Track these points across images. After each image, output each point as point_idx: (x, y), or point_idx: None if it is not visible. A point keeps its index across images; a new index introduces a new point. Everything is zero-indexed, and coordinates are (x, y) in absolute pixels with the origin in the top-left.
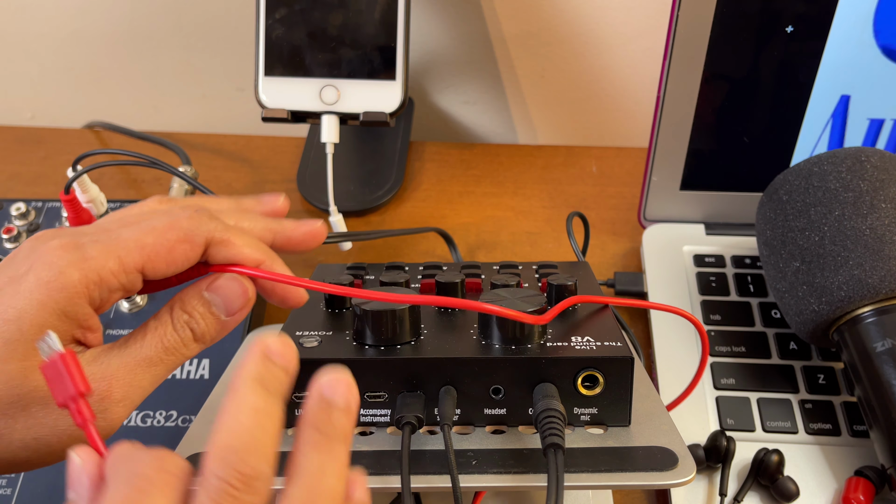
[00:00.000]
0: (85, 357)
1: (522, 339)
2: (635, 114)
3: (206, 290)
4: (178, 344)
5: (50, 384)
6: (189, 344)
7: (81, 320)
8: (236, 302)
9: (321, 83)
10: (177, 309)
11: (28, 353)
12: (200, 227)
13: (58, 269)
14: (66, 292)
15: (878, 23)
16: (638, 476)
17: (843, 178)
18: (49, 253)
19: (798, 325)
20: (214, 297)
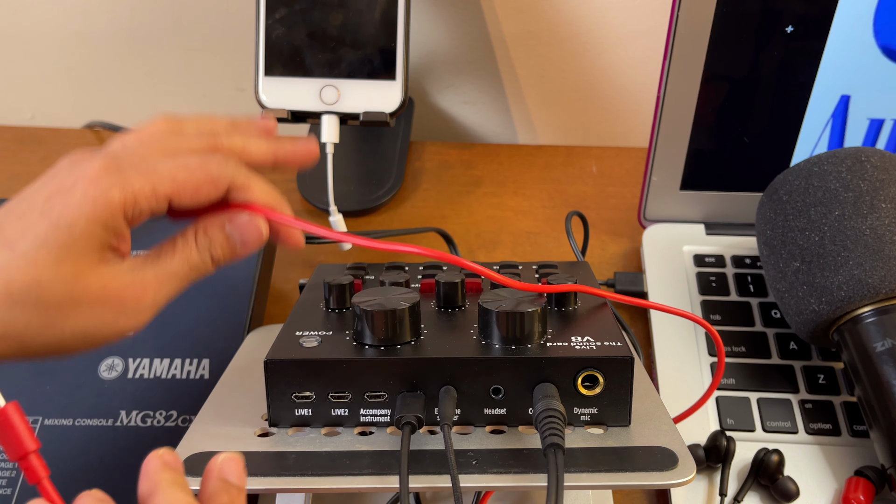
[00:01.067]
0: (123, 266)
1: (522, 338)
2: (635, 114)
3: (227, 224)
4: (199, 264)
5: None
6: (208, 265)
7: (118, 232)
8: (251, 238)
9: (321, 83)
10: (200, 234)
11: (79, 258)
12: (225, 173)
13: (102, 188)
14: (109, 209)
15: (878, 23)
16: (638, 476)
17: (843, 178)
18: (94, 172)
19: (798, 325)
20: (234, 232)
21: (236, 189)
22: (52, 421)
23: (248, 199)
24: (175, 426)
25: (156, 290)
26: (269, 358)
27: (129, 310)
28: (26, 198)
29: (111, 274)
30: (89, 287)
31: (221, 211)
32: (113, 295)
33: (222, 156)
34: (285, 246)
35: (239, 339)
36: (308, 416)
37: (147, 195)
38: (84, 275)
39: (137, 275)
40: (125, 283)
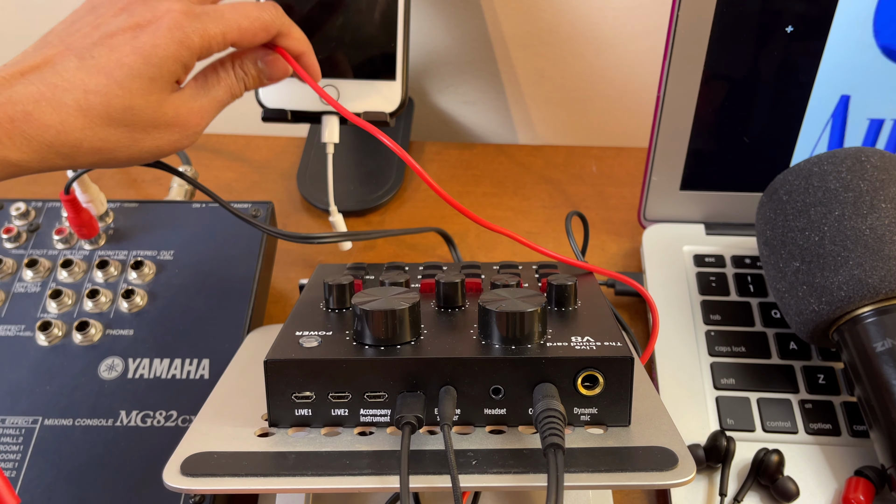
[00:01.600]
0: (186, 95)
1: (522, 338)
2: (635, 114)
3: (260, 60)
4: (238, 91)
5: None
6: (242, 92)
7: (189, 68)
8: (277, 73)
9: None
10: (237, 67)
11: (162, 88)
12: (277, 20)
13: (186, 32)
14: (190, 50)
15: (878, 23)
16: (638, 476)
17: (843, 178)
18: (178, 16)
19: (798, 325)
20: (265, 69)
21: (281, 36)
22: (52, 421)
23: (287, 45)
24: (175, 426)
25: (209, 113)
26: (269, 358)
27: (189, 131)
28: (102, 27)
29: (180, 101)
30: (167, 113)
31: (254, 49)
32: (182, 119)
33: (273, 4)
34: (300, 77)
35: (239, 339)
36: (308, 416)
37: (218, 41)
38: (164, 103)
39: (196, 102)
40: (189, 109)
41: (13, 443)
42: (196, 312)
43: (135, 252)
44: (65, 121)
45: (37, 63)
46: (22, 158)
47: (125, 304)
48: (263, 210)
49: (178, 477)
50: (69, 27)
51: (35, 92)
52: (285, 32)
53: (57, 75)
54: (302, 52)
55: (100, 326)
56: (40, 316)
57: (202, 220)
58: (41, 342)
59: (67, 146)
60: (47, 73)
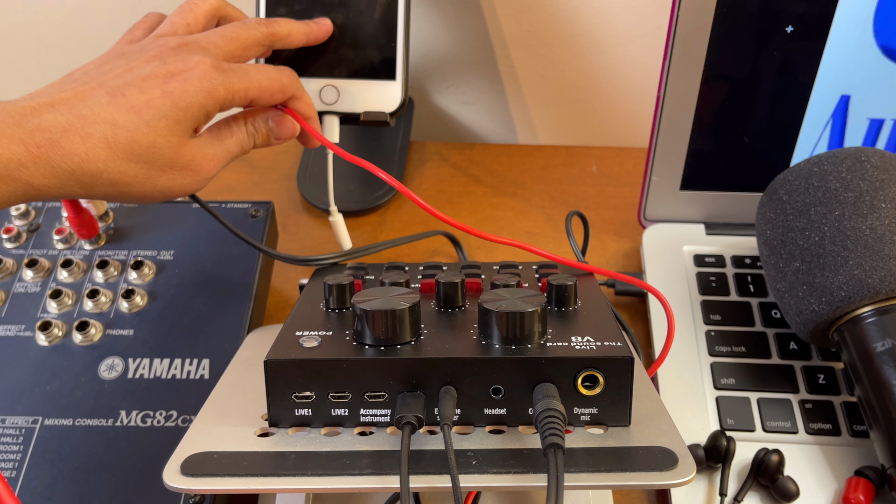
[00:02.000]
0: (200, 142)
1: (522, 338)
2: (635, 114)
3: (271, 120)
4: (247, 147)
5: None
6: (250, 148)
7: (210, 117)
8: (285, 134)
9: (321, 83)
10: (249, 123)
11: (184, 132)
12: (292, 84)
13: (214, 84)
14: (215, 101)
15: (878, 23)
16: (638, 476)
17: (843, 178)
18: (207, 68)
19: (798, 325)
20: (275, 128)
21: (293, 98)
22: (52, 421)
23: (298, 107)
24: (175, 426)
25: (219, 163)
26: (269, 358)
27: (200, 176)
28: (135, 70)
29: (196, 147)
30: (184, 156)
31: (266, 108)
32: (196, 163)
33: (290, 70)
34: (303, 144)
35: (239, 339)
36: (308, 416)
37: (241, 95)
38: (183, 146)
39: (208, 150)
40: (204, 155)
41: (13, 443)
42: (196, 312)
43: (135, 252)
44: (90, 151)
45: (67, 96)
46: (43, 183)
47: (125, 304)
48: (263, 210)
49: (178, 477)
50: (99, 67)
51: (64, 122)
52: (298, 96)
53: (87, 108)
54: (309, 117)
55: (100, 326)
56: (40, 316)
57: (202, 220)
58: (41, 342)
59: (88, 175)
60: (77, 106)
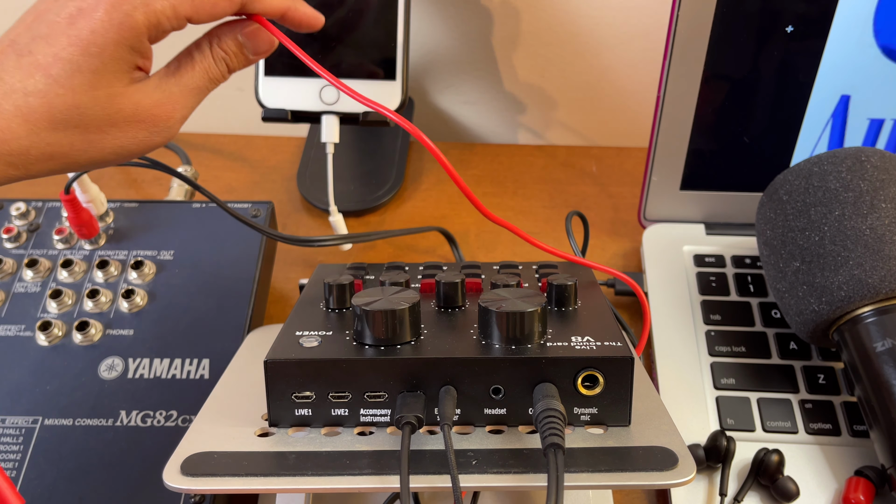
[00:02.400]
0: (150, 84)
1: (522, 338)
2: (635, 114)
3: (240, 34)
4: (218, 75)
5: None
6: (225, 74)
7: (143, 53)
8: (263, 47)
9: (321, 83)
10: (215, 46)
11: (111, 81)
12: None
13: (126, 11)
14: (134, 31)
15: (878, 23)
16: (638, 476)
17: (843, 178)
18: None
19: (798, 325)
20: (247, 42)
21: (248, 3)
22: (52, 421)
23: (263, 9)
24: (175, 426)
25: (183, 104)
26: (269, 358)
27: (160, 126)
28: (44, 16)
29: (141, 93)
30: (124, 108)
31: (233, 21)
32: (145, 113)
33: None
34: (301, 29)
35: (239, 339)
36: (308, 416)
37: (168, 16)
38: (118, 97)
39: (164, 91)
40: (155, 100)
41: (13, 443)
42: (196, 312)
43: (135, 252)
44: (7, 129)
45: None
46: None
47: (125, 304)
48: (263, 210)
49: (178, 477)
50: (20, 19)
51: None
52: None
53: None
54: (285, 9)
55: (100, 326)
56: (40, 316)
57: (202, 220)
58: (41, 342)
59: (14, 155)
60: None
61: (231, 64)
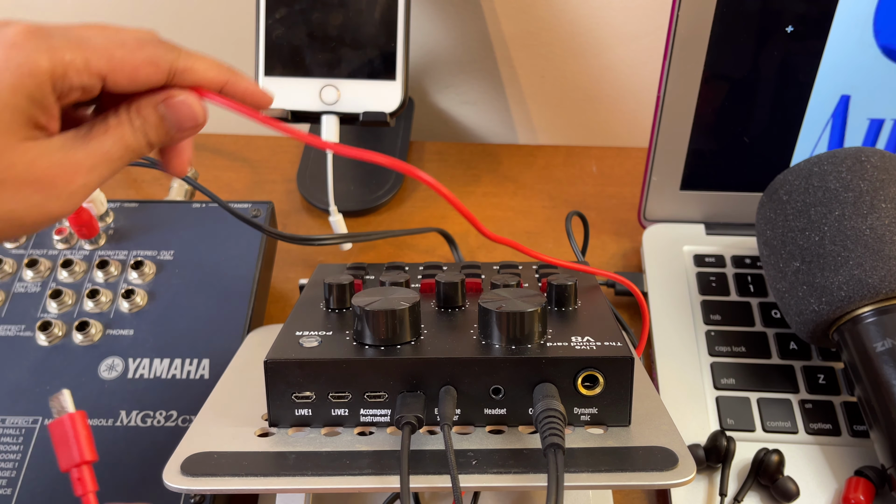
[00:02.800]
0: (52, 145)
1: (522, 339)
2: (635, 114)
3: (161, 104)
4: (134, 145)
5: (56, 445)
6: (142, 147)
7: (46, 107)
8: (186, 122)
9: (321, 83)
10: (133, 113)
11: (2, 133)
12: (168, 53)
13: (27, 53)
14: (35, 78)
15: (878, 23)
16: (638, 476)
17: (843, 178)
18: (17, 36)
19: (798, 325)
20: (168, 113)
21: (179, 73)
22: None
23: (195, 81)
24: (175, 426)
25: (87, 171)
26: (269, 358)
27: (59, 192)
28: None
29: (38, 152)
30: (14, 166)
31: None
32: (40, 175)
33: (153, 34)
34: (252, 113)
35: (239, 339)
36: (308, 416)
37: (78, 68)
38: (8, 152)
39: (68, 154)
40: (54, 162)
41: (13, 443)
42: (196, 312)
43: (135, 252)
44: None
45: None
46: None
47: (125, 304)
48: (263, 210)
49: (178, 477)
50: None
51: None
52: (186, 67)
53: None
54: (223, 82)
55: (100, 326)
56: (40, 316)
57: (202, 220)
58: (41, 342)
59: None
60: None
61: (149, 135)
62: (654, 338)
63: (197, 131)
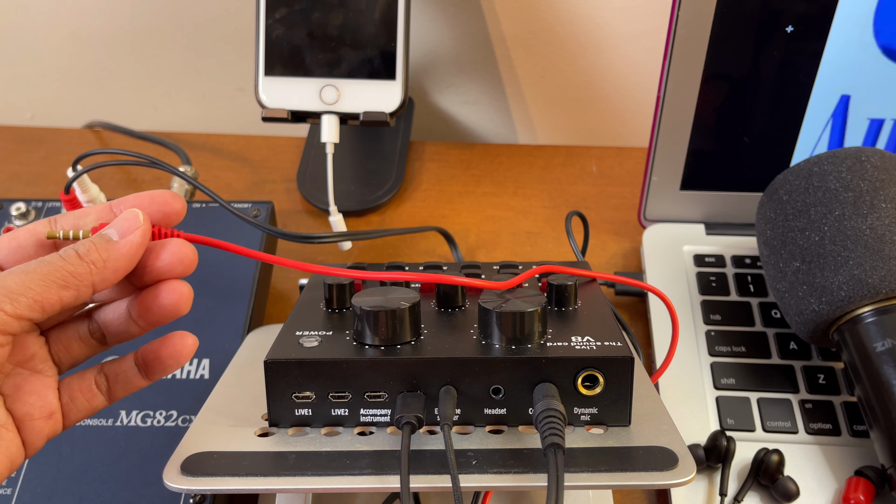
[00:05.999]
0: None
1: (522, 338)
2: (635, 114)
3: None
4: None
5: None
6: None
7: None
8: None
9: (321, 83)
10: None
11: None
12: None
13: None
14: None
15: (878, 23)
16: (638, 476)
17: (843, 178)
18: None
19: (798, 325)
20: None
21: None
22: None
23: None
24: (175, 426)
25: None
26: (269, 358)
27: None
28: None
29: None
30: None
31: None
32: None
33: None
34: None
35: (239, 339)
36: (308, 416)
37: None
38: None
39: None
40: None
41: None
42: (196, 312)
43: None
44: None
45: None
46: None
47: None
48: (263, 210)
49: (178, 477)
50: None
51: None
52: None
53: None
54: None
55: None
56: None
57: (202, 220)
58: None
59: None
60: None
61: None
62: (654, 338)
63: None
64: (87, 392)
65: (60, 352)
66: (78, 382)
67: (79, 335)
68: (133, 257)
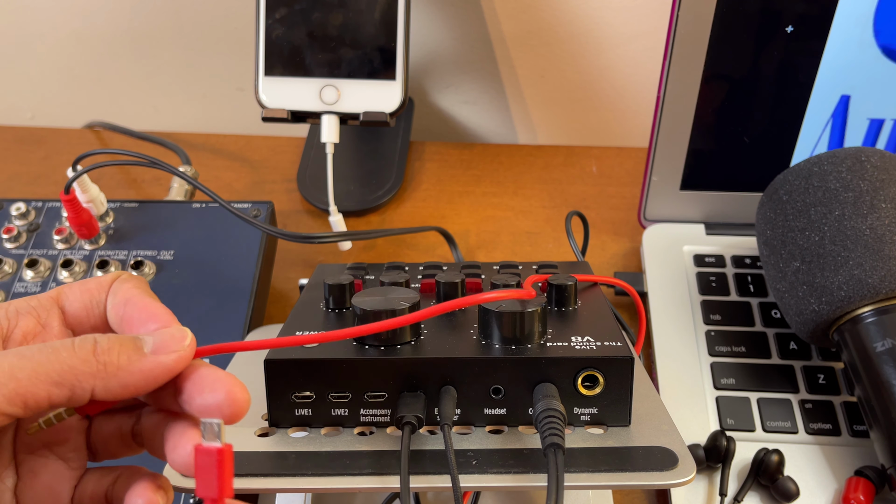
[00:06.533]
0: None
1: (522, 338)
2: (635, 114)
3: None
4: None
5: (197, 470)
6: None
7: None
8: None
9: (321, 83)
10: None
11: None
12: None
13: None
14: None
15: (878, 23)
16: (638, 476)
17: (843, 178)
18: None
19: (798, 325)
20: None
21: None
22: None
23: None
24: None
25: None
26: (269, 358)
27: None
28: None
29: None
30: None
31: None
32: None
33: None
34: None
35: (239, 339)
36: (308, 416)
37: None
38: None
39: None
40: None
41: None
42: (196, 312)
43: (135, 252)
44: None
45: None
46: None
47: None
48: (263, 210)
49: (178, 477)
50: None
51: None
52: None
53: None
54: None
55: None
56: None
57: (202, 220)
58: None
59: None
60: None
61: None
62: (654, 338)
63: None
64: (98, 500)
65: (98, 443)
66: (94, 485)
67: (121, 431)
68: (153, 381)
